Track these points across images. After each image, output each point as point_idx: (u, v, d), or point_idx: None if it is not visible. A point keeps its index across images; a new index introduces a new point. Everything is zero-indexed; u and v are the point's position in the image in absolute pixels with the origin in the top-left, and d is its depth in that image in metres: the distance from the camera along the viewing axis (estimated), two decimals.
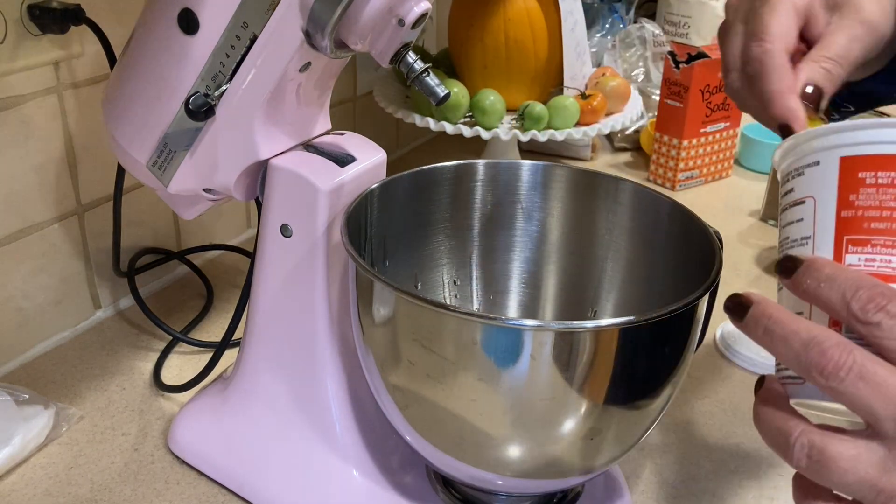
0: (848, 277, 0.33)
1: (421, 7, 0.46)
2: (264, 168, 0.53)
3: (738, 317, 0.36)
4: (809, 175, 0.36)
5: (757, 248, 0.96)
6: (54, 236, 0.71)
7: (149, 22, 0.51)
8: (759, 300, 0.36)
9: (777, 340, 0.34)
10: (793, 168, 0.37)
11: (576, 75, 1.03)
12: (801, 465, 0.34)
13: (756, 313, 0.35)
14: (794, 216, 0.37)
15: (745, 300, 0.36)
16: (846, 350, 0.32)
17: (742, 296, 0.37)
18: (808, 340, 0.33)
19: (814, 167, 0.36)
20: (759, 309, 0.35)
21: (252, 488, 0.56)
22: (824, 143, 0.36)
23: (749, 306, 0.36)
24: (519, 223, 0.60)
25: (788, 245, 0.38)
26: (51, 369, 0.70)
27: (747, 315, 0.36)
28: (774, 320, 0.35)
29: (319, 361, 0.54)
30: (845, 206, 0.35)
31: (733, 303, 0.37)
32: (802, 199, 0.36)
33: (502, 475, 0.47)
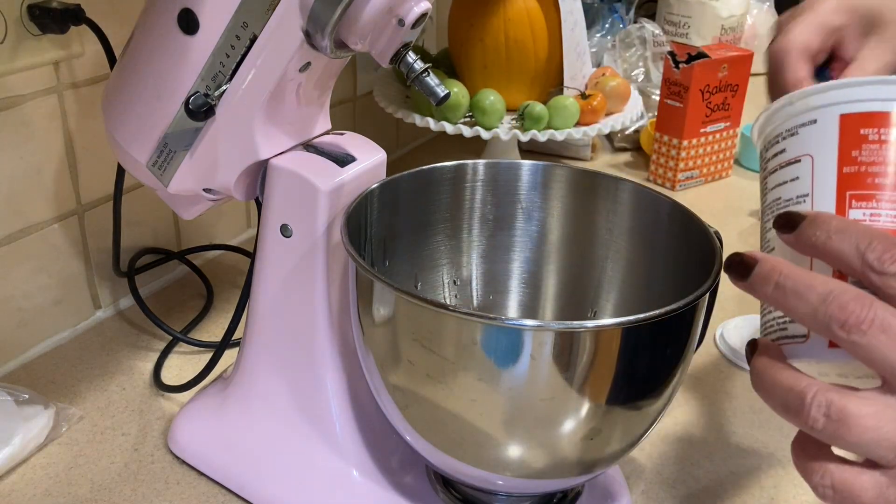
0: (860, 229, 0.32)
1: (421, 7, 0.46)
2: (264, 168, 0.53)
3: (742, 276, 0.35)
4: (805, 134, 0.36)
5: (757, 248, 0.96)
6: (54, 236, 0.71)
7: (149, 22, 0.51)
8: (764, 257, 0.35)
9: (790, 295, 0.33)
10: (783, 129, 0.37)
11: (576, 75, 1.03)
12: (817, 425, 0.32)
13: (765, 269, 0.34)
14: (787, 175, 0.36)
15: (749, 258, 0.35)
16: (866, 303, 0.31)
17: (744, 254, 0.35)
18: (826, 294, 0.31)
19: (810, 126, 0.36)
20: (767, 265, 0.34)
21: (252, 488, 0.56)
22: (821, 100, 0.35)
23: (753, 264, 0.34)
24: (519, 223, 0.60)
25: (781, 205, 0.37)
26: (51, 369, 0.70)
27: (753, 273, 0.34)
28: (786, 275, 0.33)
29: (319, 361, 0.54)
30: (847, 162, 0.34)
31: (735, 262, 0.35)
32: (797, 158, 0.36)
33: (502, 475, 0.47)
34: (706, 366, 0.74)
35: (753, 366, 0.36)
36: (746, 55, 1.10)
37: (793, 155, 0.36)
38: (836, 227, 0.33)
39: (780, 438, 0.65)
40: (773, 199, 0.38)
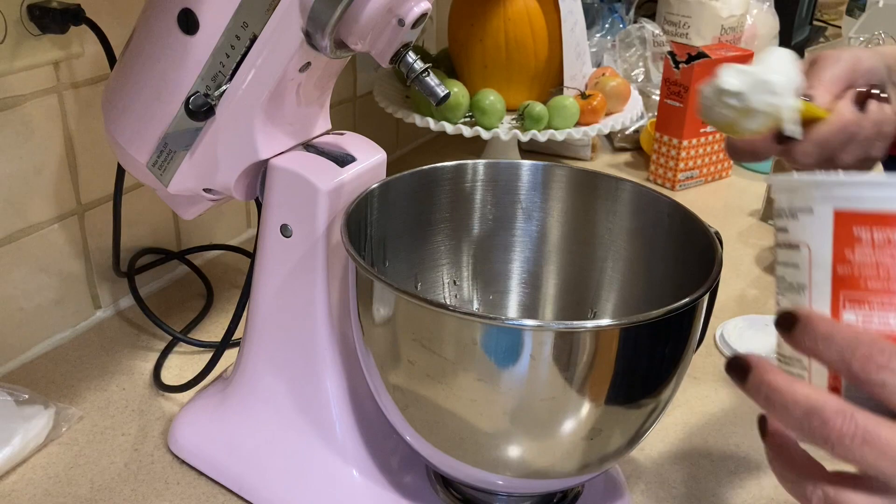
0: (845, 336, 0.33)
1: (421, 7, 0.46)
2: (264, 168, 0.53)
3: (740, 380, 0.37)
4: (803, 221, 0.35)
5: (757, 248, 0.97)
6: (54, 236, 0.71)
7: (149, 22, 0.51)
8: (756, 364, 0.36)
9: (778, 409, 0.35)
10: (786, 206, 0.37)
11: (576, 75, 1.03)
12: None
13: (755, 380, 0.36)
14: (790, 258, 0.37)
15: (744, 363, 0.36)
16: (847, 416, 0.32)
17: (741, 358, 0.37)
18: (809, 410, 0.33)
19: (807, 214, 0.35)
20: (757, 376, 0.36)
21: (252, 488, 0.56)
22: (818, 192, 0.35)
23: (749, 370, 0.36)
24: (519, 223, 0.60)
25: (785, 287, 0.37)
26: (51, 369, 0.70)
27: (748, 380, 0.36)
28: (773, 388, 0.35)
29: (319, 361, 0.54)
30: (841, 261, 0.34)
31: (733, 365, 0.37)
32: (797, 245, 0.36)
33: (502, 475, 0.47)
34: (706, 366, 0.74)
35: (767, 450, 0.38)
36: (746, 55, 1.10)
37: (793, 239, 0.36)
38: (823, 334, 0.34)
39: None
40: (780, 274, 0.38)
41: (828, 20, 1.97)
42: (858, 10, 1.62)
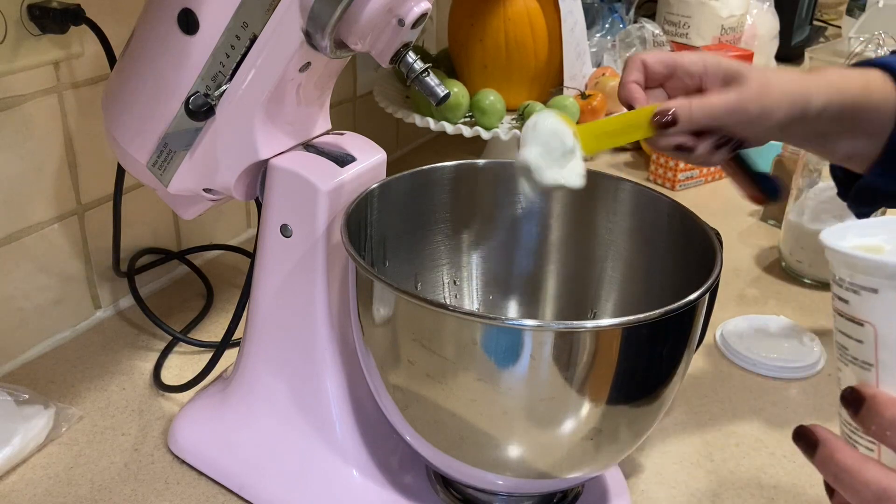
0: None
1: (421, 7, 0.46)
2: (264, 168, 0.53)
3: (808, 453, 0.37)
4: (867, 299, 0.35)
5: (757, 248, 0.97)
6: (54, 236, 0.71)
7: (149, 22, 0.51)
8: (824, 439, 0.36)
9: (847, 489, 0.35)
10: (845, 278, 0.36)
11: (576, 75, 1.03)
12: None
13: (824, 457, 0.36)
14: (852, 332, 0.36)
15: (812, 436, 0.36)
16: None
17: (808, 430, 0.37)
18: (879, 493, 0.33)
19: (871, 293, 0.35)
20: (825, 453, 0.36)
21: (252, 488, 0.56)
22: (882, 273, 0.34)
23: (816, 446, 0.36)
24: (519, 223, 0.60)
25: (849, 359, 0.37)
26: (51, 369, 0.70)
27: (816, 455, 0.36)
28: (842, 467, 0.35)
29: (319, 361, 0.54)
30: None
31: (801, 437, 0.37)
32: (861, 322, 0.35)
33: (502, 475, 0.47)
34: (706, 366, 0.74)
35: None
36: (746, 55, 1.10)
37: (856, 314, 0.36)
38: (890, 420, 0.34)
39: (780, 438, 0.65)
40: (841, 343, 0.37)
41: (828, 20, 1.97)
42: (858, 10, 1.62)
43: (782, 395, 0.71)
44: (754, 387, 0.71)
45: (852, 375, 0.36)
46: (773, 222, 1.02)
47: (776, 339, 0.76)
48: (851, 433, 0.37)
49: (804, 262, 0.88)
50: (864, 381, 0.36)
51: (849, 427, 0.37)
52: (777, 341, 0.76)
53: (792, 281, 0.89)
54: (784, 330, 0.78)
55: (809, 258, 0.87)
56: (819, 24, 1.91)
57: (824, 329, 0.79)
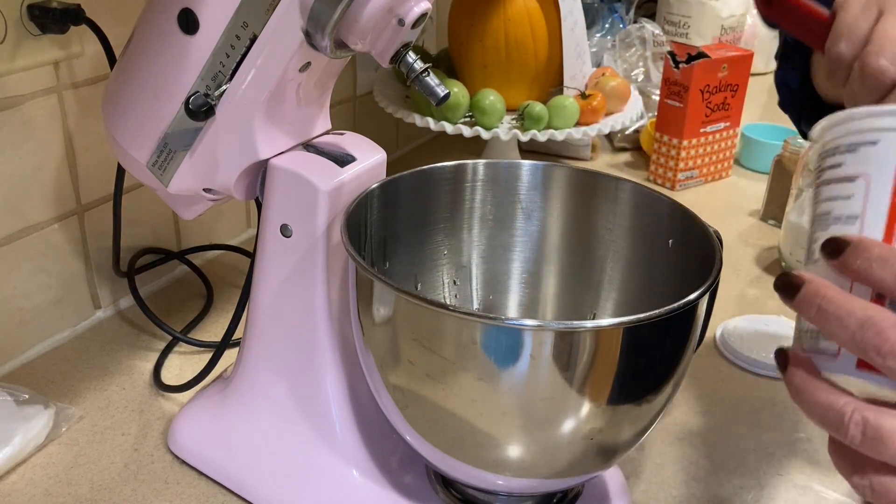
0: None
1: (421, 7, 0.46)
2: (264, 168, 0.53)
3: (790, 296, 0.36)
4: (864, 153, 0.35)
5: (757, 248, 0.97)
6: (54, 236, 0.71)
7: (149, 22, 0.51)
8: (810, 279, 0.36)
9: (831, 319, 0.34)
10: (843, 143, 0.36)
11: (576, 75, 1.03)
12: (855, 441, 0.34)
13: (809, 293, 0.35)
14: (841, 192, 0.36)
15: (797, 279, 0.36)
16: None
17: (792, 275, 0.37)
18: (865, 320, 0.33)
19: (869, 146, 0.35)
20: (811, 288, 0.35)
21: (252, 488, 0.56)
22: (886, 122, 0.35)
23: (800, 285, 0.36)
24: (519, 223, 0.60)
25: (831, 220, 0.37)
26: (51, 369, 0.70)
27: (799, 294, 0.36)
28: (828, 299, 0.34)
29: (319, 361, 0.54)
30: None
31: (783, 282, 0.37)
32: (853, 176, 0.36)
33: (502, 475, 0.47)
34: (706, 366, 0.74)
35: (790, 380, 0.38)
36: (746, 55, 1.10)
37: (849, 172, 0.36)
38: (878, 255, 0.34)
39: (779, 438, 0.65)
40: (823, 212, 0.37)
41: None
42: None
43: (782, 395, 0.71)
44: (754, 387, 0.72)
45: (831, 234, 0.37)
46: (773, 222, 1.02)
47: (776, 339, 0.76)
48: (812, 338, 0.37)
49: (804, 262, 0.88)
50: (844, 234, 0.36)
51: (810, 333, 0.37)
52: (777, 341, 0.76)
53: None
54: (784, 330, 0.78)
55: None
56: None
57: None
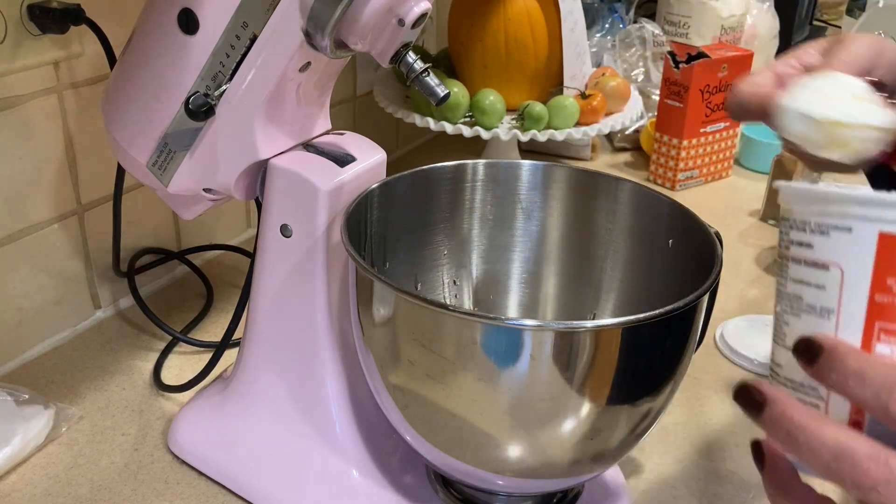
0: (879, 374, 0.30)
1: (421, 7, 0.46)
2: (264, 168, 0.53)
3: (752, 412, 0.33)
4: (837, 239, 0.32)
5: (757, 248, 0.97)
6: (54, 236, 0.71)
7: (148, 22, 0.51)
8: (773, 398, 0.33)
9: (802, 448, 0.31)
10: (812, 221, 0.33)
11: (576, 75, 1.03)
12: None
13: (773, 415, 0.32)
14: (813, 278, 0.33)
15: (758, 395, 0.33)
16: (881, 462, 0.30)
17: (753, 389, 0.33)
18: (838, 453, 0.30)
19: (843, 232, 0.32)
20: (776, 410, 0.32)
21: (252, 488, 0.56)
22: (861, 210, 0.31)
23: (764, 404, 0.33)
24: (519, 223, 0.60)
25: (804, 308, 0.34)
26: (51, 369, 0.70)
27: (763, 415, 0.33)
28: (797, 426, 0.32)
29: (319, 361, 0.54)
30: (881, 289, 0.31)
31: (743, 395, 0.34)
32: (826, 264, 0.33)
33: (502, 475, 0.47)
34: (706, 366, 0.74)
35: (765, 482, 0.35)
36: (746, 55, 1.10)
37: (820, 257, 0.33)
38: (855, 370, 0.31)
39: None
40: (794, 293, 0.34)
41: (828, 20, 1.97)
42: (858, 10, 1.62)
43: None
44: None
45: (804, 326, 0.34)
46: (773, 222, 1.02)
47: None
48: (794, 390, 0.34)
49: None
50: (819, 330, 0.33)
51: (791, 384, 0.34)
52: None
53: None
54: None
55: None
56: (819, 24, 1.91)
57: None
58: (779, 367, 0.35)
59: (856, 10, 1.65)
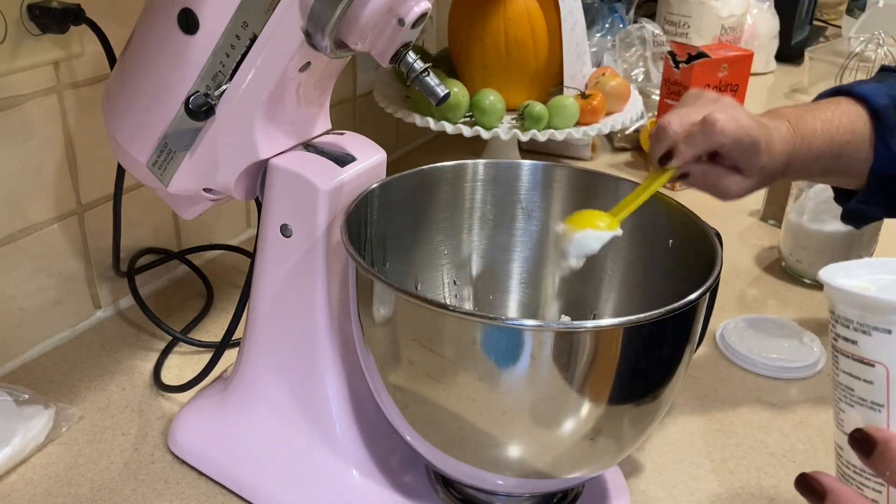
0: None
1: (421, 7, 0.46)
2: (264, 168, 0.53)
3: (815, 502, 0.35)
4: (879, 340, 0.34)
5: (757, 248, 0.96)
6: (54, 236, 0.71)
7: (149, 22, 0.51)
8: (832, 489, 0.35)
9: None
10: (854, 319, 0.35)
11: (576, 75, 1.03)
12: None
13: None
14: (862, 373, 0.35)
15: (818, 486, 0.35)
16: None
17: (814, 480, 0.35)
18: None
19: (884, 334, 0.34)
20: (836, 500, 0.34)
21: (252, 488, 0.56)
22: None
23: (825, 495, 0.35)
24: (519, 223, 0.60)
25: (856, 400, 0.36)
26: (51, 369, 0.70)
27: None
28: None
29: (319, 361, 0.54)
30: None
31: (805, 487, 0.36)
32: (872, 363, 0.35)
33: (502, 475, 0.47)
34: (706, 366, 0.74)
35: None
36: (746, 55, 1.10)
37: (866, 355, 0.35)
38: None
39: (779, 438, 0.65)
40: (846, 384, 0.37)
41: (828, 20, 1.97)
42: (858, 10, 1.63)
43: (782, 395, 0.71)
44: (754, 387, 0.71)
45: (858, 417, 0.36)
46: (773, 222, 1.02)
47: (776, 339, 0.76)
48: (856, 474, 0.36)
49: (804, 262, 0.88)
50: (872, 422, 0.35)
51: (852, 468, 0.36)
52: (777, 341, 0.76)
53: (792, 281, 0.89)
54: (784, 330, 0.78)
55: (809, 258, 0.87)
56: (819, 24, 1.91)
57: (824, 329, 0.79)
58: (841, 450, 0.37)
59: (856, 10, 1.65)
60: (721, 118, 0.52)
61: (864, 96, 0.57)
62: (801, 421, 0.67)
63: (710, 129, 0.52)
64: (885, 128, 0.56)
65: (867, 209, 0.60)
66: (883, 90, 0.57)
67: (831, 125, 0.57)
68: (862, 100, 0.57)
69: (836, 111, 0.57)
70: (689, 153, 0.53)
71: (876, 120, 0.57)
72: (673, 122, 0.54)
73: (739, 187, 0.55)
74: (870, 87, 0.58)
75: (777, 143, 0.55)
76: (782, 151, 0.55)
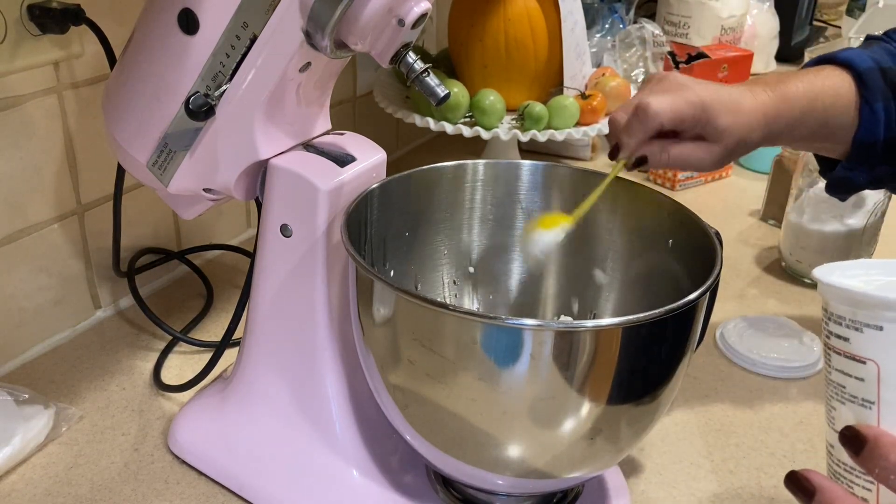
0: None
1: (421, 7, 0.46)
2: (264, 168, 0.53)
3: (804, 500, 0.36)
4: (870, 336, 0.35)
5: (757, 248, 0.97)
6: (54, 236, 0.71)
7: (149, 22, 0.51)
8: (821, 487, 0.35)
9: None
10: (846, 316, 0.36)
11: (576, 75, 1.03)
12: None
13: None
14: (853, 370, 0.36)
15: (808, 485, 0.35)
16: None
17: (803, 478, 0.36)
18: None
19: (875, 331, 0.34)
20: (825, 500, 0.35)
21: (252, 488, 0.56)
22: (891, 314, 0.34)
23: (814, 493, 0.35)
24: (519, 223, 0.60)
25: (847, 397, 0.36)
26: (51, 369, 0.70)
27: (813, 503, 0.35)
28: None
29: (319, 361, 0.54)
30: None
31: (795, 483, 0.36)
32: (863, 359, 0.35)
33: (502, 475, 0.47)
34: (706, 366, 0.74)
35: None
36: (746, 55, 1.10)
37: (857, 352, 0.35)
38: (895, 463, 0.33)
39: (779, 438, 0.65)
40: (838, 382, 0.37)
41: (828, 20, 1.97)
42: (858, 10, 1.62)
43: (782, 395, 0.71)
44: (754, 387, 0.72)
45: (850, 414, 0.36)
46: (773, 222, 1.02)
47: (776, 339, 0.76)
48: (846, 472, 0.36)
49: (804, 262, 0.88)
50: (863, 420, 0.35)
51: (842, 466, 0.36)
52: (777, 341, 0.76)
53: (792, 281, 0.89)
54: (784, 330, 0.78)
55: (809, 258, 0.87)
56: (819, 24, 1.91)
57: None
58: (832, 447, 0.37)
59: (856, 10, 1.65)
60: (652, 102, 0.53)
61: (847, 60, 0.57)
62: (801, 421, 0.67)
63: (643, 116, 0.53)
64: (869, 90, 0.56)
65: (851, 176, 0.59)
66: (867, 54, 0.58)
67: (814, 86, 0.56)
68: (846, 65, 0.57)
69: (820, 74, 0.57)
70: (633, 143, 0.54)
71: (860, 83, 0.56)
72: (618, 115, 0.55)
73: (710, 155, 0.55)
74: (854, 52, 0.58)
75: (747, 102, 0.55)
76: (754, 110, 0.55)
